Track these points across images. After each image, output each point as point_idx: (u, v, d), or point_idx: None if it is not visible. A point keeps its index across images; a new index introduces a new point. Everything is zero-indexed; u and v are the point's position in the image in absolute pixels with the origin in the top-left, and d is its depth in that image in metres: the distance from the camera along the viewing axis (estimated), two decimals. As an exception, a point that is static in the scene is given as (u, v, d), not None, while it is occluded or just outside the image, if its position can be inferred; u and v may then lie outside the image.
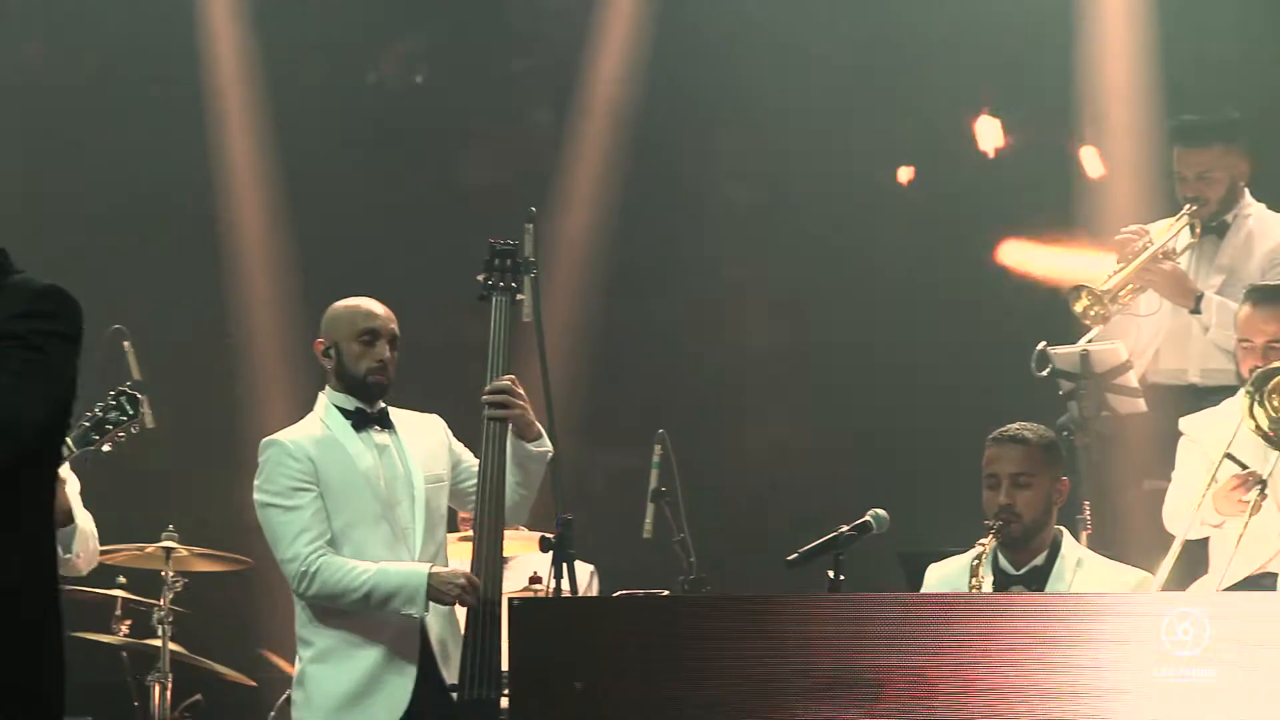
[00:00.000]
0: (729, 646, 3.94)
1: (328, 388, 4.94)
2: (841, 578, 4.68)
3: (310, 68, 8.03)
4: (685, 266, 7.97)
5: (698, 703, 3.91)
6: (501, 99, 8.02)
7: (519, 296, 5.03)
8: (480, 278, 5.05)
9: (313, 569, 4.72)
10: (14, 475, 3.19)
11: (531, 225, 5.13)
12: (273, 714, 5.96)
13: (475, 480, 4.92)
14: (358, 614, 4.76)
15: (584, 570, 6.11)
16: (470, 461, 5.00)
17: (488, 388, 4.90)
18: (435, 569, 4.76)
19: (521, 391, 4.90)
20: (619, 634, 4.04)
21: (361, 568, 4.73)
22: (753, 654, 3.93)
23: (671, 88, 7.93)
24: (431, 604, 4.75)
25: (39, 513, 3.29)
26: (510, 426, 4.88)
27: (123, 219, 7.70)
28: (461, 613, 4.86)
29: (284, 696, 5.51)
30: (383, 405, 4.95)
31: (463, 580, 4.74)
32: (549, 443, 4.95)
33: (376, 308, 4.96)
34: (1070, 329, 6.21)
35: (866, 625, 3.89)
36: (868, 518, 4.83)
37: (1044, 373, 6.08)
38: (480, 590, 4.75)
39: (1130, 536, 6.12)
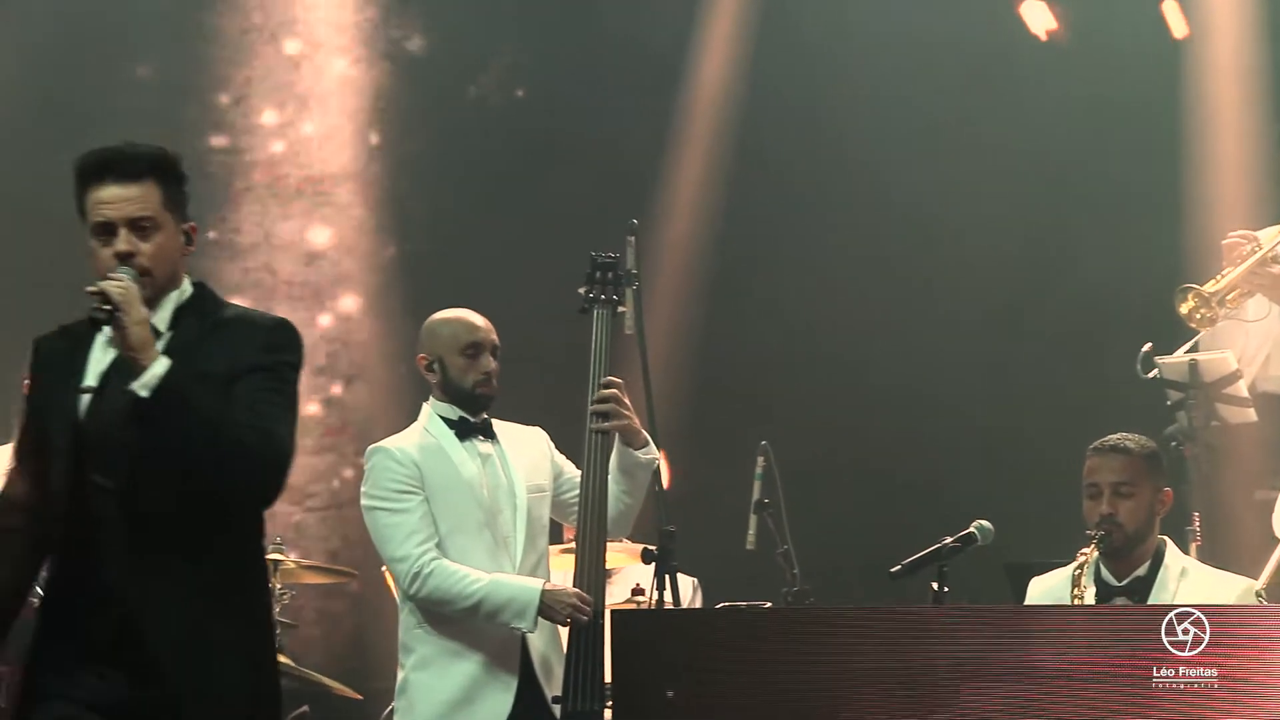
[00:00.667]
0: (830, 659, 3.93)
1: (432, 399, 4.96)
2: (946, 589, 4.65)
3: (413, 83, 8.11)
4: (788, 274, 7.95)
5: (797, 715, 3.90)
6: (602, 109, 8.04)
7: (620, 308, 5.03)
8: (582, 290, 5.05)
9: (425, 570, 4.74)
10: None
11: (633, 237, 5.13)
12: (379, 724, 6.01)
13: (577, 492, 4.93)
14: (461, 623, 4.77)
15: (687, 583, 6.11)
16: (572, 473, 5.01)
17: (595, 395, 4.90)
18: (549, 586, 4.78)
19: (627, 400, 4.90)
20: (720, 646, 4.03)
21: (474, 576, 4.75)
22: (857, 667, 3.91)
23: (773, 91, 7.91)
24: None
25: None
26: (617, 436, 4.87)
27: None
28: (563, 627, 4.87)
29: (388, 710, 5.54)
30: (486, 416, 4.97)
31: (574, 599, 4.75)
32: (655, 451, 4.95)
33: (477, 320, 4.98)
34: (1176, 335, 6.14)
35: (966, 637, 3.87)
36: (972, 529, 4.79)
37: (1150, 375, 6.01)
38: (592, 607, 4.75)
39: (1241, 547, 6.02)
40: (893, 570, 4.75)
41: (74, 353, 3.55)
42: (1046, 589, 4.92)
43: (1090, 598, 4.73)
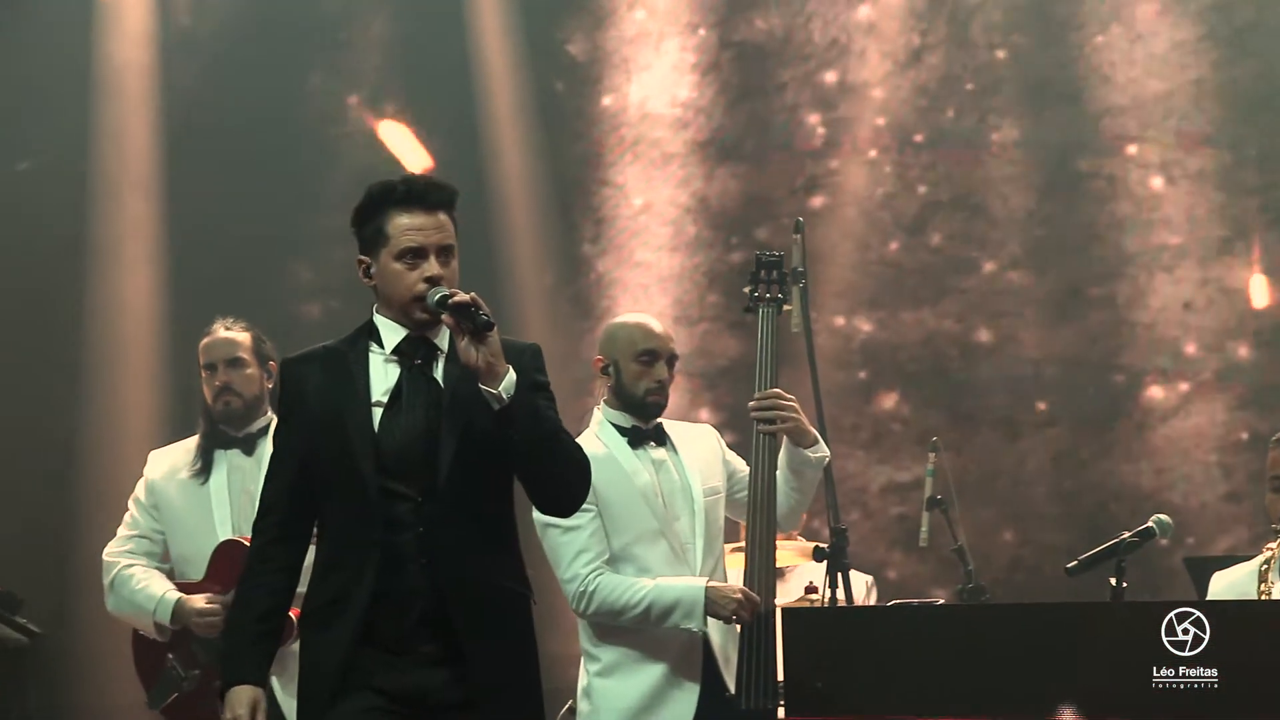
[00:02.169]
0: (1005, 655, 3.89)
1: (603, 404, 4.96)
2: (1125, 585, 4.57)
3: (570, 85, 8.16)
4: (956, 271, 7.87)
5: (973, 712, 3.87)
6: (765, 110, 8.03)
7: (786, 307, 5.01)
8: (747, 289, 5.04)
9: (590, 589, 4.75)
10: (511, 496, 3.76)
11: (800, 235, 5.12)
12: (556, 725, 6.06)
13: (747, 491, 4.91)
14: (640, 630, 4.79)
15: (861, 580, 6.08)
16: (744, 471, 4.97)
17: (755, 400, 4.90)
18: (712, 584, 4.76)
19: (790, 400, 4.88)
20: (892, 643, 4.02)
21: (638, 584, 4.75)
22: (1040, 661, 3.88)
23: (936, 84, 7.85)
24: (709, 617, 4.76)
25: None
26: (785, 435, 4.86)
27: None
28: (736, 623, 4.87)
29: (566, 706, 5.59)
30: (658, 421, 4.97)
31: (739, 595, 4.73)
32: (825, 448, 4.92)
33: (656, 326, 4.95)
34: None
35: (1142, 635, 3.82)
36: (1151, 523, 4.71)
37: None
38: (758, 605, 4.75)
39: None
40: (1070, 566, 4.69)
41: (345, 372, 3.76)
42: (1230, 583, 4.81)
43: (1278, 593, 4.62)
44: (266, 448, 5.12)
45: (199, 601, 5.09)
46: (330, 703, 3.65)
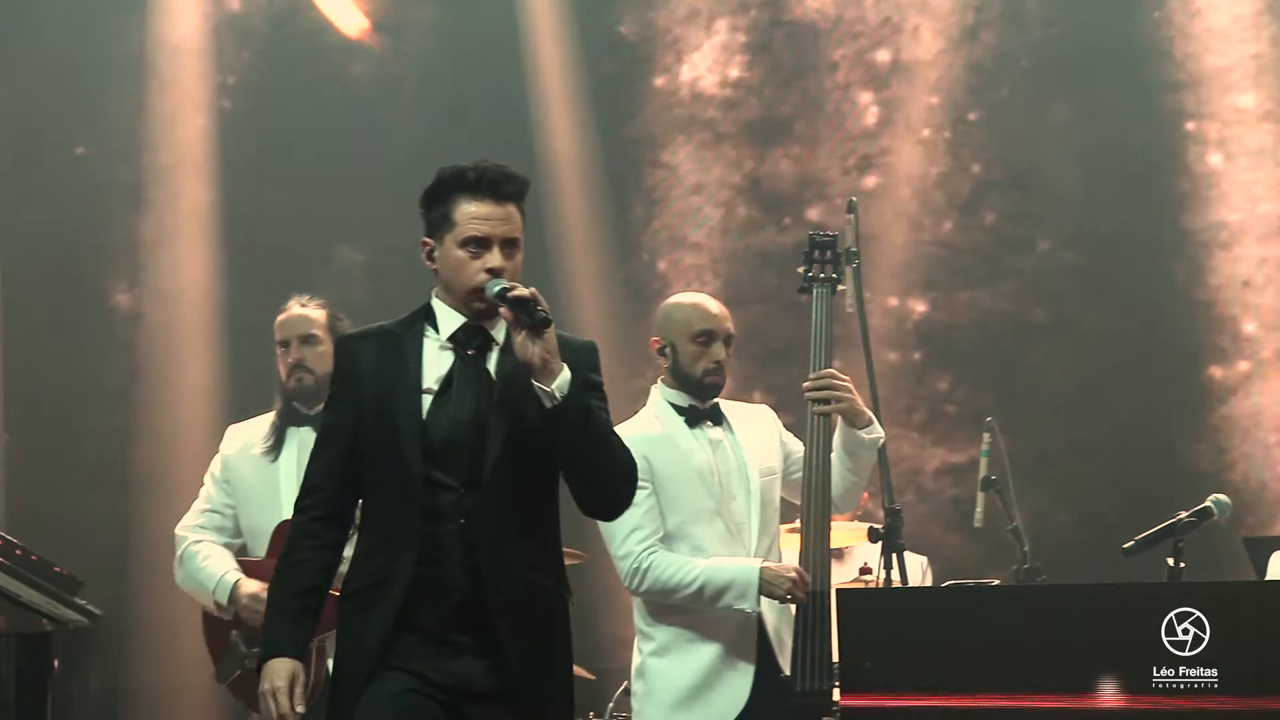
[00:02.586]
0: (1060, 636, 3.88)
1: (660, 383, 4.95)
2: (1182, 565, 4.54)
3: (622, 65, 8.15)
4: (1011, 251, 7.82)
5: (1028, 690, 3.87)
6: (817, 89, 7.99)
7: (840, 287, 5.00)
8: (800, 270, 5.03)
9: (644, 566, 4.76)
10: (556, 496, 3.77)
11: (853, 216, 5.10)
12: (611, 705, 6.07)
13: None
14: (695, 610, 4.79)
15: (917, 561, 6.06)
16: (800, 451, 4.95)
17: (809, 380, 4.88)
18: (766, 564, 4.76)
19: (845, 380, 4.86)
20: (947, 624, 4.01)
21: (692, 563, 4.75)
22: (1088, 643, 3.85)
23: (990, 62, 7.80)
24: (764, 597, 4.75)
25: None
26: (840, 416, 4.84)
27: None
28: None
29: (622, 687, 5.60)
30: (715, 401, 4.96)
31: (794, 575, 4.73)
32: (880, 429, 4.90)
33: (712, 306, 4.94)
34: None
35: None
36: (1208, 503, 4.68)
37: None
38: (810, 585, 4.74)
39: None
40: (1126, 546, 4.66)
41: (399, 355, 3.74)
42: (1289, 563, 4.78)
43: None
44: None
45: (252, 587, 5.13)
46: (366, 682, 3.64)
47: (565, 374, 3.62)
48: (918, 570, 6.11)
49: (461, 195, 3.71)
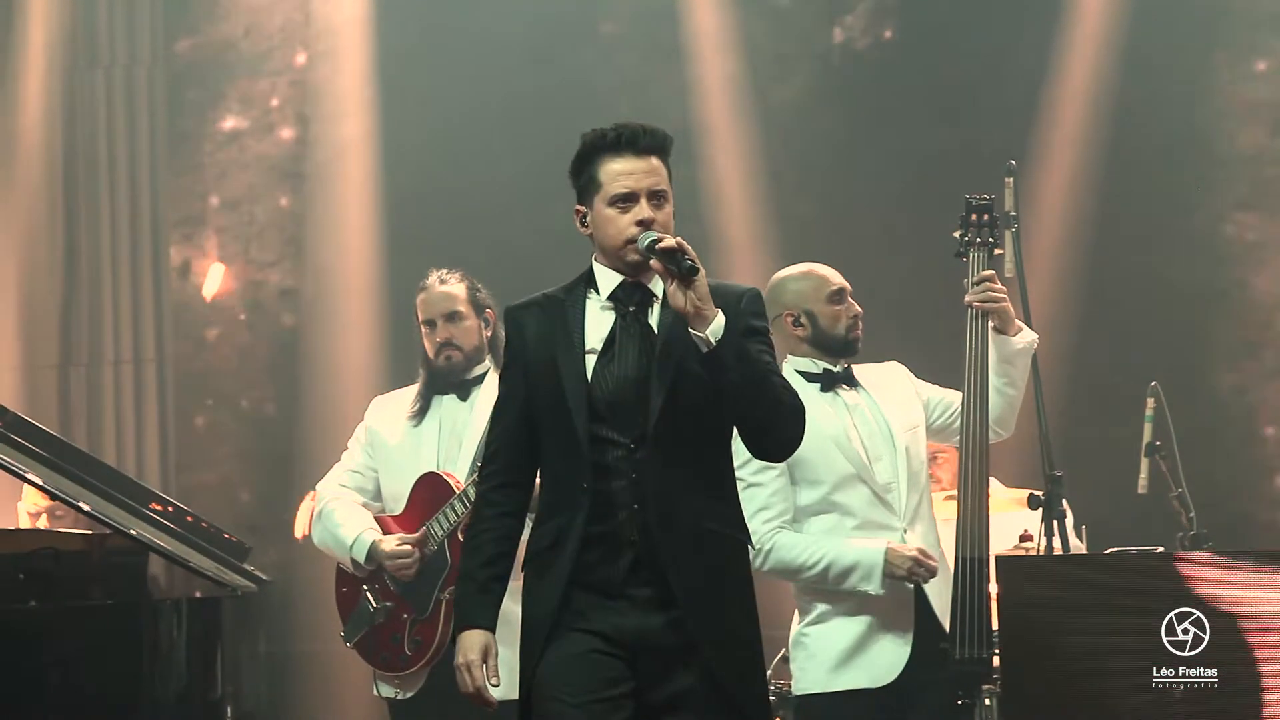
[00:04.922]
0: (1223, 602, 3.81)
1: (790, 355, 4.96)
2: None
3: (776, 28, 8.10)
4: (1178, 213, 7.66)
5: (1189, 658, 3.81)
6: (974, 49, 7.86)
7: (997, 251, 4.97)
8: (957, 234, 5.00)
9: (767, 546, 4.77)
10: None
11: (1011, 179, 5.05)
12: (769, 671, 6.08)
13: (949, 412, 4.93)
14: None
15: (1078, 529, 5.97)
16: (939, 395, 5.00)
17: (973, 279, 4.86)
18: (891, 545, 4.75)
19: (1002, 288, 4.85)
20: (1110, 590, 3.96)
21: (817, 544, 4.76)
22: (1255, 611, 3.79)
23: (1165, 11, 7.63)
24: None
25: None
26: (991, 323, 4.82)
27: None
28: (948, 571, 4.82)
29: (780, 655, 5.60)
30: (846, 364, 4.96)
31: (915, 554, 4.73)
32: (1032, 332, 4.89)
33: (826, 268, 4.98)
34: None
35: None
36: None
37: None
38: (934, 566, 4.72)
39: None
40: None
41: (561, 319, 3.82)
42: None
43: None
44: (481, 394, 5.23)
45: (392, 544, 5.18)
46: (545, 644, 3.71)
47: (720, 319, 3.66)
48: (1078, 537, 6.02)
49: (604, 155, 3.79)
